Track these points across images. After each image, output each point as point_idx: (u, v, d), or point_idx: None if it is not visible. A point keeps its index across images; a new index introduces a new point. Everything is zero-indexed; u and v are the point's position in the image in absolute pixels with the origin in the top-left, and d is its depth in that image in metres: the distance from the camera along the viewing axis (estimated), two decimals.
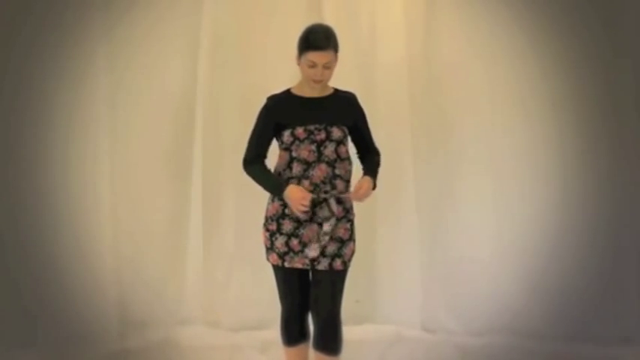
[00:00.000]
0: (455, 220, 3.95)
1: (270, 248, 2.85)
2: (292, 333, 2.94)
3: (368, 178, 2.82)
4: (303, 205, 2.69)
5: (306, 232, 2.77)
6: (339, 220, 2.79)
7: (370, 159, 2.94)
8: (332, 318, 2.82)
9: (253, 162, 2.87)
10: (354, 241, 2.86)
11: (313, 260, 2.77)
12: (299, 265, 2.79)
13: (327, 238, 2.74)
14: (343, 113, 2.84)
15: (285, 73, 3.22)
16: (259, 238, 2.94)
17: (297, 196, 2.70)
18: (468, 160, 3.91)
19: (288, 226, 2.79)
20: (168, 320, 3.90)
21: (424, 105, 3.93)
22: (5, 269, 3.54)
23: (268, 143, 2.89)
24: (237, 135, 3.76)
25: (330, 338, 2.83)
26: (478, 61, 3.83)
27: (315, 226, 2.77)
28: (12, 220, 3.55)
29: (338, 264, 2.78)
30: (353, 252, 2.85)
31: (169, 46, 3.83)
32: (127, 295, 3.83)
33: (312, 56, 2.70)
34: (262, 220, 2.90)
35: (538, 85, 3.77)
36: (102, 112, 3.72)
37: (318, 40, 2.70)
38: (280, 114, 2.81)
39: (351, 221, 2.84)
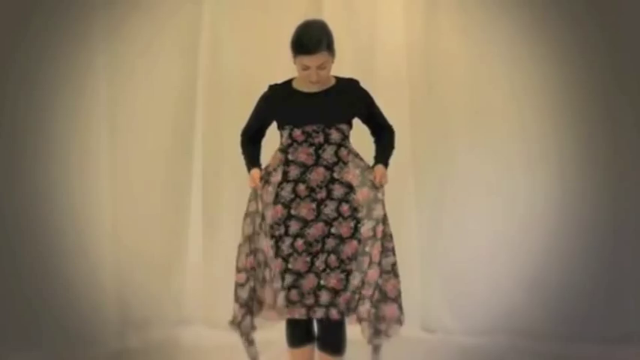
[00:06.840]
0: (454, 220, 3.95)
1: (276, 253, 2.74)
2: (297, 334, 2.87)
3: (380, 167, 2.77)
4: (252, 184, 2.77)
5: (312, 231, 2.70)
6: (344, 218, 2.71)
7: (382, 141, 2.87)
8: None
9: (246, 139, 2.90)
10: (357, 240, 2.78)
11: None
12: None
13: None
14: (347, 105, 2.74)
15: (285, 67, 3.21)
16: None
17: (252, 178, 2.76)
18: (467, 160, 3.92)
19: (295, 226, 2.71)
20: (169, 320, 3.90)
21: (424, 103, 3.94)
22: (6, 271, 3.54)
23: (261, 131, 2.88)
24: (237, 133, 3.76)
25: (333, 338, 2.79)
26: (477, 53, 3.84)
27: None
28: (13, 222, 3.55)
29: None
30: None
31: (169, 43, 3.84)
32: (127, 295, 3.83)
33: (304, 60, 2.59)
34: None
35: (536, 80, 3.78)
36: (102, 109, 3.74)
37: (308, 43, 2.56)
38: (278, 110, 2.76)
39: (356, 219, 2.73)
